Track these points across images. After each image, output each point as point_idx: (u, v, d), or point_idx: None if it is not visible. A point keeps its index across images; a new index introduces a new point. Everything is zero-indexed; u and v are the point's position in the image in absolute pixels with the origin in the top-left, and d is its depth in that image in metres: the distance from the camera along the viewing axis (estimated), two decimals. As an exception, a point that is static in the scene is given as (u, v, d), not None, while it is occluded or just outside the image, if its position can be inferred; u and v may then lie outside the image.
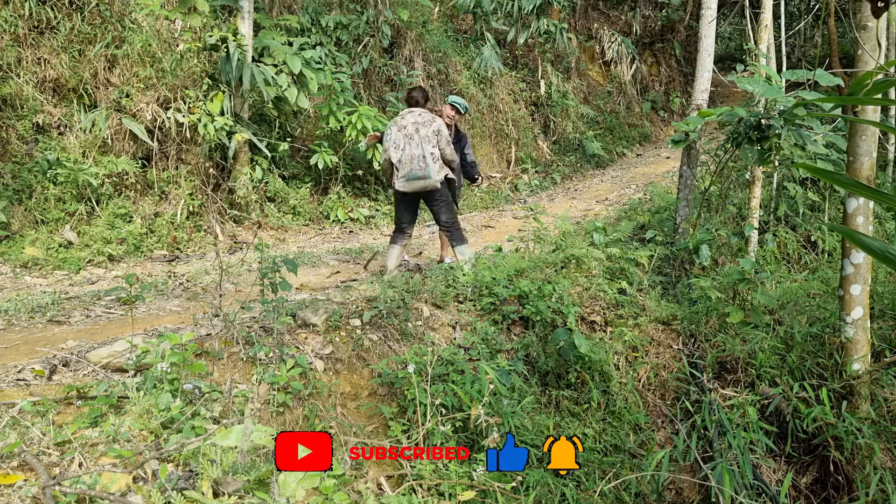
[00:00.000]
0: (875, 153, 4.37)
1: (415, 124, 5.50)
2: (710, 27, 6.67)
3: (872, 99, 1.77)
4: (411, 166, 5.45)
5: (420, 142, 5.43)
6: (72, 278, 6.35)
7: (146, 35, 7.72)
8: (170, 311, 5.15)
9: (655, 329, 5.45)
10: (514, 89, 13.03)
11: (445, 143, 5.56)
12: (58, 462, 2.54)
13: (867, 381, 4.45)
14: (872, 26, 4.21)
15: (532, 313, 4.95)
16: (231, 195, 8.26)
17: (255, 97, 8.57)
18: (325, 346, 4.09)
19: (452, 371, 4.05)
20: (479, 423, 3.45)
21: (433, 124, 5.53)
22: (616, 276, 5.82)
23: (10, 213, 6.87)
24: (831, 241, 7.02)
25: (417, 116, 5.56)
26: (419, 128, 5.49)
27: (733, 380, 5.01)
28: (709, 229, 6.35)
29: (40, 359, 3.63)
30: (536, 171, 12.47)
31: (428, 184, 5.48)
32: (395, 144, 5.52)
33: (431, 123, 5.53)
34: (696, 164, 6.76)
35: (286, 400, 3.50)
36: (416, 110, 5.63)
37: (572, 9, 15.67)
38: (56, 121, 7.38)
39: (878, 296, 5.29)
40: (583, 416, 4.65)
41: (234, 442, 2.52)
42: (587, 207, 9.93)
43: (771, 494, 4.19)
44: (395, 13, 10.76)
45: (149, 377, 3.11)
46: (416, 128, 5.49)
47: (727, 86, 14.33)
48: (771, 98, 5.33)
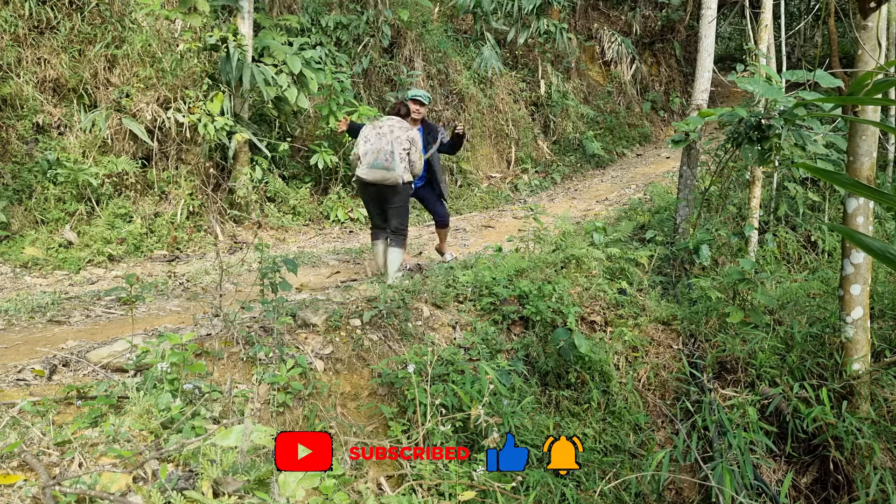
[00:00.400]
0: (875, 153, 4.38)
1: (391, 127, 5.54)
2: (710, 27, 6.67)
3: (872, 99, 1.77)
4: (377, 156, 5.46)
5: (392, 140, 5.46)
6: (72, 278, 6.35)
7: (146, 35, 7.72)
8: (170, 311, 5.15)
9: (655, 329, 5.45)
10: (514, 89, 13.03)
11: (417, 156, 5.59)
12: (58, 462, 2.54)
13: (867, 381, 4.45)
14: (872, 26, 4.21)
15: (532, 313, 4.95)
16: (231, 195, 8.26)
17: (255, 97, 8.57)
18: (325, 346, 4.09)
19: (452, 371, 4.05)
20: (479, 423, 3.45)
21: (409, 132, 5.59)
22: (616, 276, 5.82)
23: (10, 213, 6.87)
24: (831, 241, 7.02)
25: (396, 122, 5.60)
26: (394, 130, 5.52)
27: (733, 380, 5.02)
28: (709, 229, 6.35)
29: (40, 359, 3.63)
30: (536, 171, 12.47)
31: (388, 176, 5.42)
32: (365, 139, 5.56)
33: (408, 131, 5.59)
34: (696, 164, 6.77)
35: (286, 400, 3.50)
36: (395, 118, 5.68)
37: (572, 9, 15.67)
38: (56, 121, 7.38)
39: (878, 296, 5.29)
40: (583, 416, 4.65)
41: (234, 442, 2.52)
42: (587, 207, 9.93)
43: (771, 494, 4.19)
44: (395, 13, 10.76)
45: (149, 377, 3.11)
46: (391, 129, 5.52)
47: (727, 86, 14.33)
48: (771, 98, 5.34)
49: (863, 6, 1.78)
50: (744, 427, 4.47)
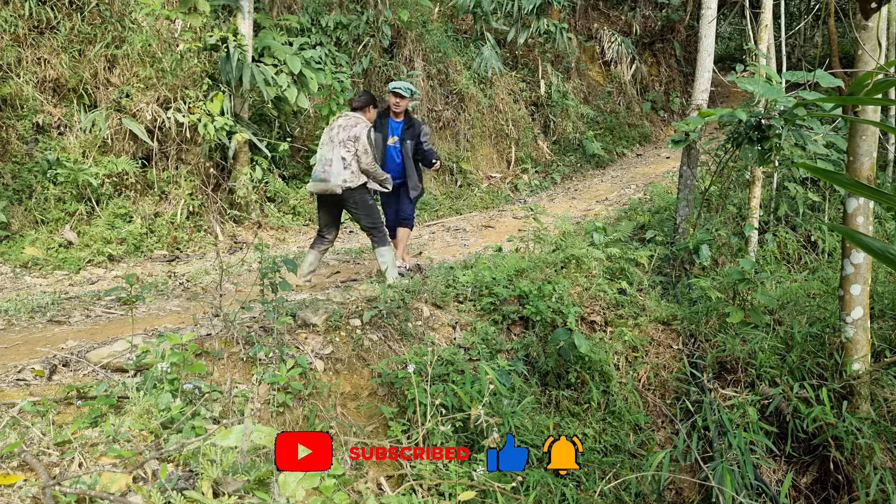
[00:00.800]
0: (875, 153, 4.38)
1: (339, 127, 5.45)
2: (710, 27, 6.68)
3: (873, 99, 1.77)
4: (317, 167, 5.43)
5: (334, 146, 5.38)
6: (72, 278, 6.35)
7: (146, 35, 7.72)
8: (170, 311, 5.15)
9: (655, 329, 5.45)
10: (514, 89, 13.03)
11: (363, 152, 5.38)
12: (58, 462, 2.54)
13: (867, 381, 4.45)
14: (873, 26, 4.21)
15: (532, 313, 4.95)
16: (231, 195, 8.26)
17: (255, 97, 8.57)
18: (325, 346, 4.09)
19: (452, 371, 4.05)
20: (479, 423, 3.45)
21: (353, 129, 5.41)
22: (616, 276, 5.82)
23: (10, 213, 6.87)
24: (831, 241, 7.02)
25: (346, 120, 5.49)
26: (340, 131, 5.42)
27: (733, 380, 5.02)
28: (709, 229, 6.35)
29: (40, 359, 3.63)
30: (536, 171, 12.47)
31: (327, 187, 5.34)
32: (320, 144, 5.55)
33: (352, 128, 5.41)
34: (696, 164, 6.77)
35: (286, 400, 3.50)
36: (350, 114, 5.56)
37: (572, 9, 15.66)
38: (56, 121, 7.38)
39: (878, 296, 5.29)
40: (583, 416, 4.65)
41: (234, 442, 2.52)
42: (587, 207, 9.93)
43: (771, 494, 4.20)
44: (395, 13, 10.76)
45: (149, 377, 3.11)
46: (339, 131, 5.43)
47: (727, 86, 14.33)
48: (771, 98, 5.34)
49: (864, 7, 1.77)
50: (744, 427, 4.47)
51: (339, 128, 5.45)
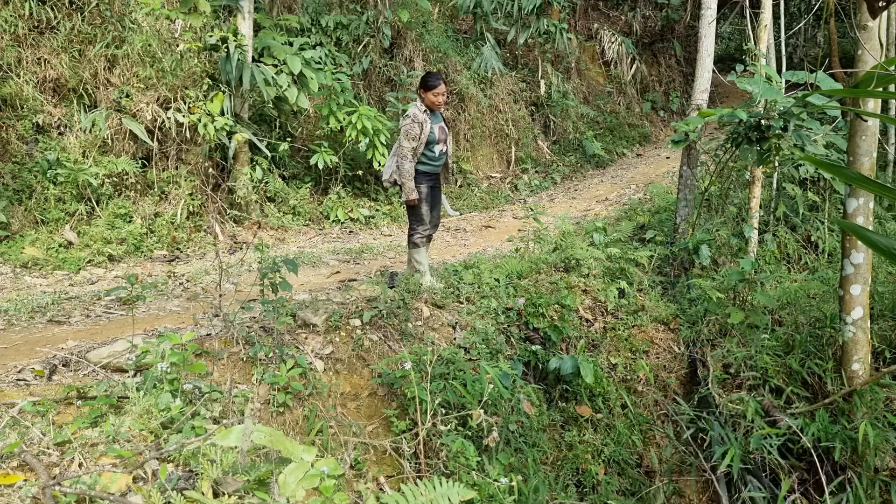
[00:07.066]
0: (875, 153, 4.37)
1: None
2: (710, 27, 6.67)
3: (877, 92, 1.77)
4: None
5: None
6: (72, 278, 6.35)
7: (146, 35, 7.72)
8: (170, 311, 5.15)
9: (655, 329, 5.45)
10: (514, 89, 13.02)
11: (397, 146, 5.13)
12: (58, 462, 2.54)
13: (868, 381, 4.45)
14: (873, 26, 4.21)
15: (533, 316, 4.95)
16: (231, 195, 8.26)
17: (255, 97, 8.56)
18: (325, 346, 4.09)
19: (454, 370, 4.05)
20: (479, 422, 3.45)
21: (403, 120, 5.17)
22: (616, 276, 5.82)
23: (10, 213, 6.87)
24: (831, 241, 7.01)
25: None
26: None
27: (734, 380, 5.01)
28: (709, 229, 6.35)
29: (40, 359, 3.62)
30: (536, 171, 12.46)
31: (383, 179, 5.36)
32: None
33: (403, 119, 5.17)
34: (696, 164, 6.76)
35: (286, 400, 3.50)
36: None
37: (572, 9, 15.66)
38: (56, 121, 7.38)
39: (878, 296, 5.28)
40: (585, 424, 4.64)
41: (234, 442, 2.51)
42: (587, 207, 9.93)
43: (771, 495, 4.19)
44: (395, 13, 10.76)
45: (149, 377, 3.11)
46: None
47: (727, 86, 14.32)
48: (771, 98, 5.33)
49: (871, 6, 1.77)
50: (744, 427, 4.47)
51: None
